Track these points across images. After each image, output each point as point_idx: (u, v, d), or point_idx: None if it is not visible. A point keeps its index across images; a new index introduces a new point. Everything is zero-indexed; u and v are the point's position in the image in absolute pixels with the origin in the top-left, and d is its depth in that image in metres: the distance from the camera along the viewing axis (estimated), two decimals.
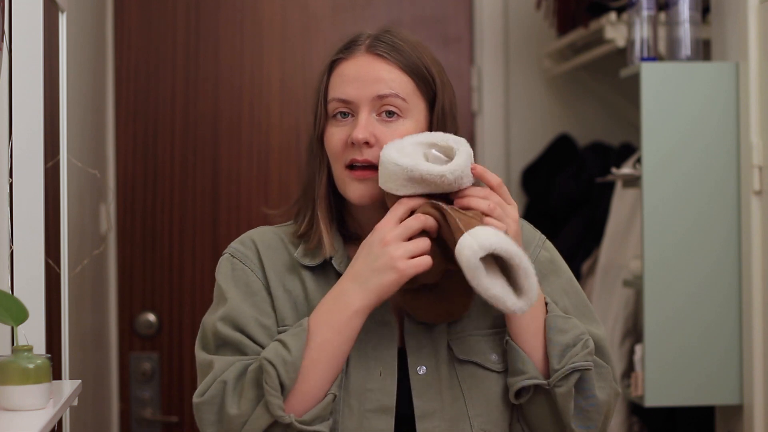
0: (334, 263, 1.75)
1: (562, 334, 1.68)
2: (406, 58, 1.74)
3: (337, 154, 1.73)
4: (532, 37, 3.66)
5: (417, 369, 1.72)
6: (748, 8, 2.65)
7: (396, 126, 1.71)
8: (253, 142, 3.59)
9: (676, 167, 2.73)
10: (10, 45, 2.04)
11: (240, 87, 3.60)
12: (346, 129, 1.72)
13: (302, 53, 3.61)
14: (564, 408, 1.67)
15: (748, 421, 2.69)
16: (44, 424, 1.65)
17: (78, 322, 2.77)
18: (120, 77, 3.57)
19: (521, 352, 1.69)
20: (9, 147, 2.04)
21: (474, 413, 1.71)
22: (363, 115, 1.71)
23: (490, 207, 1.64)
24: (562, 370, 1.66)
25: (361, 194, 1.71)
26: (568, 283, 1.80)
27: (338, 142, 1.72)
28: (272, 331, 1.71)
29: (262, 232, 1.82)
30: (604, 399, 1.70)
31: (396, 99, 1.72)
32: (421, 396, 1.71)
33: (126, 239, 3.56)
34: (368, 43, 1.74)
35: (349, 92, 1.72)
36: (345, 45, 1.76)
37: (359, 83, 1.72)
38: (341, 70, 1.74)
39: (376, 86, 1.71)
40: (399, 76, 1.73)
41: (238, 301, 1.72)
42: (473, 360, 1.73)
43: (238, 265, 1.77)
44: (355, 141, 1.69)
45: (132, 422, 3.56)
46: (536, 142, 3.65)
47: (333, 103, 1.73)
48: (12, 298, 1.75)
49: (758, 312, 2.67)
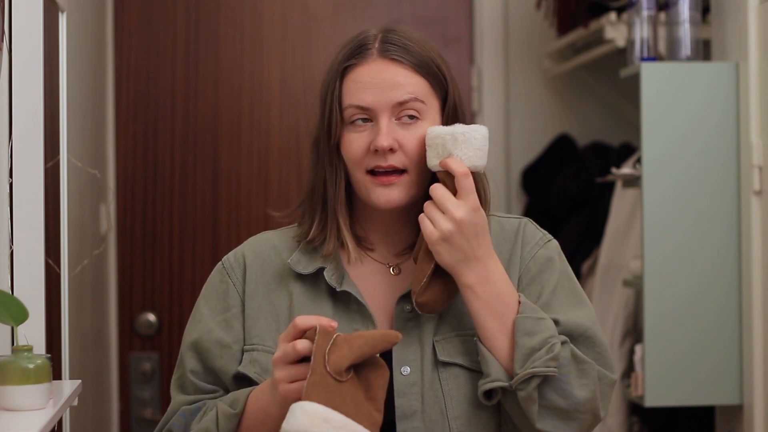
0: (326, 275, 1.75)
1: (529, 337, 1.65)
2: (418, 59, 1.74)
3: (358, 160, 1.72)
4: (532, 37, 3.66)
5: (401, 369, 1.72)
6: (748, 8, 2.65)
7: (416, 128, 1.72)
8: (253, 142, 3.59)
9: (676, 167, 2.73)
10: (10, 45, 2.04)
11: (240, 87, 3.60)
12: (365, 135, 1.72)
13: (302, 53, 3.61)
14: (527, 411, 1.66)
15: (748, 421, 2.69)
16: (44, 424, 1.65)
17: (78, 322, 2.77)
18: (120, 77, 3.57)
19: (486, 353, 1.67)
20: (9, 147, 2.04)
21: (453, 415, 1.71)
22: (384, 121, 1.70)
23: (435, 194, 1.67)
24: (521, 375, 1.64)
25: (387, 199, 1.72)
26: (561, 277, 1.78)
27: (359, 149, 1.72)
28: (233, 350, 1.76)
29: (256, 242, 1.83)
30: (586, 396, 1.67)
31: (416, 103, 1.72)
32: (402, 396, 1.71)
33: (126, 239, 3.56)
34: (379, 47, 1.73)
35: (368, 99, 1.71)
36: (353, 49, 1.74)
37: (377, 90, 1.71)
38: (355, 76, 1.73)
39: (395, 92, 1.71)
40: (415, 78, 1.73)
41: (208, 321, 1.79)
42: (457, 362, 1.72)
43: (225, 277, 1.81)
44: (380, 149, 1.69)
45: (132, 422, 3.56)
46: (536, 142, 3.65)
47: (350, 110, 1.72)
48: (12, 298, 1.75)
49: (758, 312, 2.67)
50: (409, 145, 1.71)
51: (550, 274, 1.77)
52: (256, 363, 1.74)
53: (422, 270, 1.69)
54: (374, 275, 1.78)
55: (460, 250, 1.66)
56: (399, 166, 1.71)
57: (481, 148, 1.69)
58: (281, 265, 1.78)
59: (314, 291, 1.76)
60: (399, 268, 1.79)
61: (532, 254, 1.78)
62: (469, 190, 1.67)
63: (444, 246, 1.66)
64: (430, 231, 1.66)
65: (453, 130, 1.68)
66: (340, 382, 1.53)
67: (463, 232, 1.66)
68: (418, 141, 1.71)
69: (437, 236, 1.66)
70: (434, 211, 1.67)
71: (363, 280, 1.77)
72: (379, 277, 1.78)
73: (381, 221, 1.78)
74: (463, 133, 1.68)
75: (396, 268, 1.79)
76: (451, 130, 1.68)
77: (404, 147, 1.71)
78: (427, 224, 1.67)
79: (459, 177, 1.66)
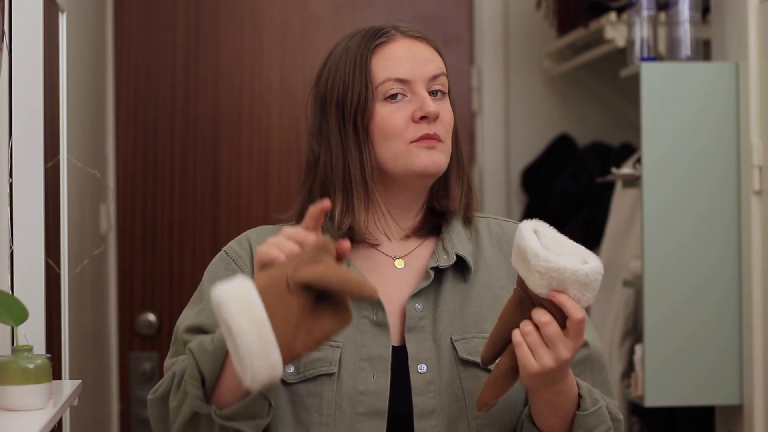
0: None
1: None
2: (433, 42, 1.79)
3: (401, 131, 1.73)
4: (532, 37, 3.66)
5: (417, 367, 1.71)
6: (748, 8, 2.65)
7: (444, 103, 1.76)
8: (253, 142, 3.59)
9: (676, 167, 2.73)
10: (10, 45, 2.05)
11: (240, 87, 3.60)
12: (406, 107, 1.73)
13: (302, 53, 3.61)
14: None
15: (748, 421, 2.69)
16: (44, 424, 1.65)
17: (78, 322, 2.77)
18: (120, 77, 3.57)
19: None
20: (9, 147, 2.04)
21: (473, 414, 1.71)
22: (423, 92, 1.74)
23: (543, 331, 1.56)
24: None
25: (433, 160, 1.73)
26: None
27: (401, 119, 1.73)
28: None
29: (258, 232, 1.81)
30: None
31: (444, 78, 1.76)
32: (420, 395, 1.70)
33: (126, 239, 3.56)
34: (401, 29, 1.77)
35: (405, 71, 1.74)
36: (374, 33, 1.77)
37: (413, 63, 1.74)
38: (388, 53, 1.75)
39: (429, 66, 1.75)
40: (438, 56, 1.78)
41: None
42: (478, 361, 1.72)
43: (231, 264, 1.77)
44: (431, 114, 1.71)
45: (132, 422, 3.56)
46: (536, 142, 3.65)
47: (388, 83, 1.74)
48: (12, 298, 1.75)
49: (758, 312, 2.67)
50: (445, 116, 1.74)
51: None
52: None
53: (499, 387, 1.60)
54: (379, 267, 1.77)
55: (551, 379, 1.60)
56: (440, 135, 1.73)
57: (597, 289, 1.55)
58: None
59: None
60: (403, 260, 1.79)
61: None
62: (581, 335, 1.57)
63: (538, 379, 1.59)
64: (531, 364, 1.56)
65: (575, 271, 1.51)
66: (289, 293, 1.44)
67: (562, 368, 1.59)
68: (449, 114, 1.75)
69: (537, 371, 1.56)
70: (539, 345, 1.56)
71: (368, 271, 1.76)
72: (383, 270, 1.77)
73: (397, 199, 1.77)
74: (587, 275, 1.52)
75: (400, 260, 1.78)
76: (573, 269, 1.51)
77: (441, 118, 1.74)
78: (528, 356, 1.56)
79: (575, 323, 1.55)
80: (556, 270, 1.51)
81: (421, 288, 1.73)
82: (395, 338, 1.74)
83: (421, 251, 1.79)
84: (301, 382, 1.70)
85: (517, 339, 1.56)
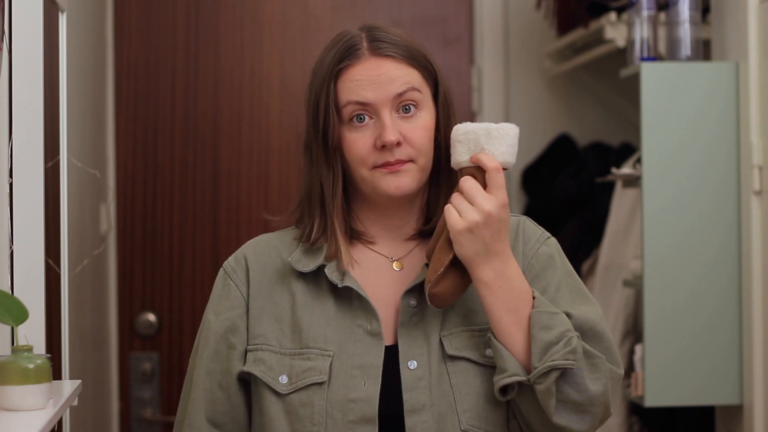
0: (327, 272, 1.76)
1: (546, 331, 1.66)
2: (407, 51, 1.76)
3: (363, 158, 1.74)
4: (532, 37, 3.66)
5: (408, 364, 1.72)
6: (748, 8, 2.65)
7: (416, 119, 1.74)
8: (253, 142, 3.59)
9: (676, 167, 2.73)
10: (10, 45, 2.04)
11: (240, 87, 3.60)
12: (368, 133, 1.73)
13: (302, 53, 3.61)
14: (545, 405, 1.66)
15: (748, 421, 2.69)
16: (44, 424, 1.65)
17: (78, 322, 2.77)
18: (120, 77, 3.57)
19: (501, 348, 1.68)
20: (9, 147, 2.04)
21: (463, 408, 1.71)
22: (386, 115, 1.72)
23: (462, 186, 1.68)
24: (541, 368, 1.64)
25: (397, 185, 1.73)
26: (564, 274, 1.79)
27: (363, 147, 1.73)
28: (238, 351, 1.78)
29: (255, 244, 1.84)
30: (600, 390, 1.68)
31: (413, 92, 1.74)
32: (410, 390, 1.71)
33: (126, 239, 3.56)
34: (369, 46, 1.75)
35: (367, 95, 1.73)
36: (343, 51, 1.76)
37: (375, 85, 1.73)
38: (351, 75, 1.75)
39: (393, 86, 1.73)
40: (408, 70, 1.75)
41: (214, 326, 1.80)
42: (465, 356, 1.73)
43: (227, 281, 1.82)
44: (388, 143, 1.71)
45: (132, 422, 3.56)
46: (536, 142, 3.65)
47: (349, 107, 1.74)
48: (12, 298, 1.75)
49: (758, 312, 2.67)
50: (413, 136, 1.73)
51: (553, 272, 1.78)
52: (260, 362, 1.75)
53: (439, 260, 1.69)
54: (376, 270, 1.79)
55: (482, 243, 1.66)
56: (405, 159, 1.73)
57: (513, 145, 1.71)
58: (282, 265, 1.79)
59: (316, 289, 1.77)
60: (401, 263, 1.80)
61: (534, 251, 1.79)
62: (500, 186, 1.68)
63: (467, 237, 1.66)
64: (456, 220, 1.66)
65: (487, 126, 1.69)
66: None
67: (489, 225, 1.66)
68: (420, 131, 1.74)
69: (463, 226, 1.66)
70: (462, 201, 1.67)
71: (365, 275, 1.77)
72: (381, 272, 1.79)
73: (382, 215, 1.79)
74: (497, 129, 1.69)
75: (398, 262, 1.79)
76: (484, 126, 1.69)
77: (409, 139, 1.73)
78: (453, 214, 1.67)
79: (491, 172, 1.67)
80: (470, 132, 1.69)
81: (416, 284, 1.74)
82: (389, 338, 1.75)
83: (420, 251, 1.81)
84: (294, 392, 1.72)
85: (446, 206, 1.68)
